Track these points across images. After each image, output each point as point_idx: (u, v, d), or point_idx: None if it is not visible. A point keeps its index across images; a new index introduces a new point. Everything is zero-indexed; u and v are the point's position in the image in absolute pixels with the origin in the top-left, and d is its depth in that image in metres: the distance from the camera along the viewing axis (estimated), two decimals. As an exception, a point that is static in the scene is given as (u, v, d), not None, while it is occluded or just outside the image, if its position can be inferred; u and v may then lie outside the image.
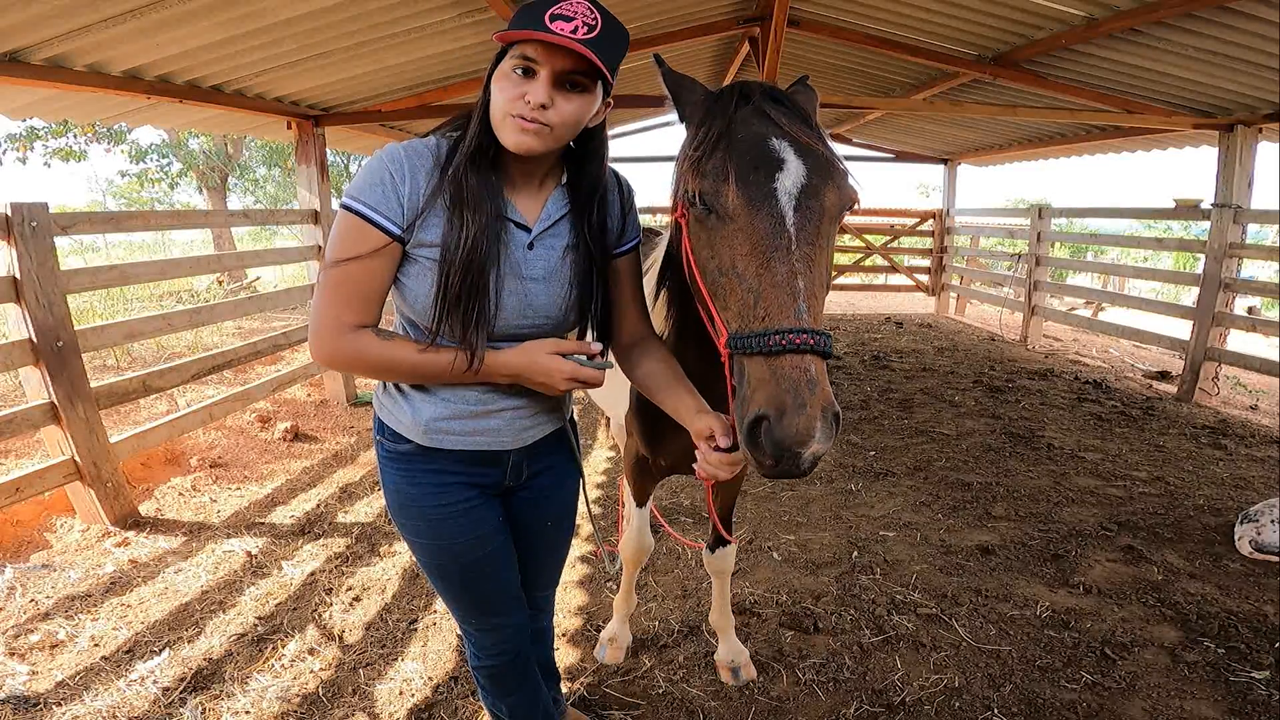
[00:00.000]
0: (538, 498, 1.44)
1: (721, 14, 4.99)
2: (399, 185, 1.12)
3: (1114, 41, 4.27)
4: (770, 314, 1.00)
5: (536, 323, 1.24)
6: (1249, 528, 3.04)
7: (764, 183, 1.05)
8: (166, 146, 12.26)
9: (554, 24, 1.02)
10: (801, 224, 1.04)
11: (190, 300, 8.50)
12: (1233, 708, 2.08)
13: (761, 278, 1.02)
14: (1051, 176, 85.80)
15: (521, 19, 1.05)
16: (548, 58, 1.05)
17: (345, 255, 1.11)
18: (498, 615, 1.42)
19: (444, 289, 1.13)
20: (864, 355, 6.99)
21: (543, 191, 1.24)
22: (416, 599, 2.69)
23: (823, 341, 0.98)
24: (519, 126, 1.07)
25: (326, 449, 4.40)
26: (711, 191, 1.08)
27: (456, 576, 1.36)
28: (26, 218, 2.90)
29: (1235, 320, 5.47)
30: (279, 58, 3.78)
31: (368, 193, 1.11)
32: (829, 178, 1.08)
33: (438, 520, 1.30)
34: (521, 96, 1.06)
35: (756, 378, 0.99)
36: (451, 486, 1.30)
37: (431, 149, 1.16)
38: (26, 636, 2.41)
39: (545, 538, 1.51)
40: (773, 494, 3.65)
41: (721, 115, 1.12)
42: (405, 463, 1.29)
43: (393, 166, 1.12)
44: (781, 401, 0.95)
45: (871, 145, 9.94)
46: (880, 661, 2.30)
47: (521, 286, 1.20)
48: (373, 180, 1.12)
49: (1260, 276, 9.72)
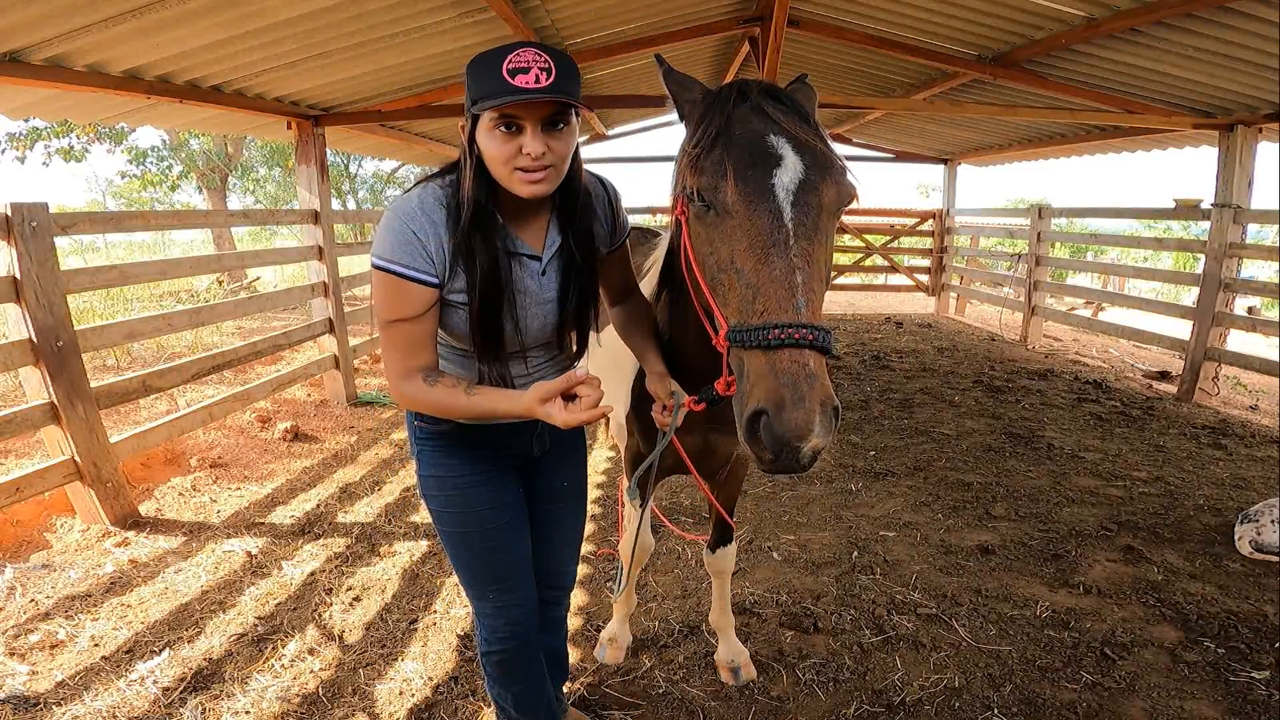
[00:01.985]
0: (555, 463, 1.60)
1: (721, 14, 4.99)
2: (426, 243, 1.20)
3: (1114, 41, 4.27)
4: (768, 309, 1.00)
5: (550, 337, 1.41)
6: (1249, 528, 3.04)
7: (762, 178, 1.05)
8: (167, 147, 12.26)
9: (515, 79, 1.09)
10: (799, 219, 1.04)
11: (190, 300, 8.50)
12: (1233, 708, 2.08)
13: (760, 273, 1.02)
14: (1051, 176, 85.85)
15: (485, 84, 1.11)
16: (528, 111, 1.13)
17: (399, 316, 1.22)
18: (510, 590, 1.50)
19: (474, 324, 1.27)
20: (864, 355, 6.99)
21: (541, 219, 1.34)
22: (416, 599, 2.69)
23: (822, 337, 0.98)
24: (527, 179, 1.16)
25: (327, 449, 4.40)
26: (710, 187, 1.08)
27: (479, 544, 1.46)
28: (26, 218, 2.90)
29: (1235, 320, 5.47)
30: (279, 58, 3.77)
31: (401, 253, 1.19)
32: (827, 173, 1.08)
33: (467, 488, 1.43)
34: (517, 152, 1.14)
35: (755, 372, 0.99)
36: (483, 458, 1.45)
37: (440, 201, 1.24)
38: (26, 636, 2.41)
39: (563, 500, 1.64)
40: (773, 494, 3.65)
41: (720, 113, 1.13)
42: (444, 440, 1.43)
43: (414, 226, 1.20)
44: (780, 396, 0.95)
45: (871, 145, 9.93)
46: (880, 661, 2.30)
47: (542, 310, 1.35)
48: (400, 240, 1.19)
49: (1260, 276, 9.72)
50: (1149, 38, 4.10)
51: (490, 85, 1.10)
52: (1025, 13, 4.21)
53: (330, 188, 5.41)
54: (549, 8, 4.05)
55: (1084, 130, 6.65)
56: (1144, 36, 4.10)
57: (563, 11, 4.17)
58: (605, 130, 9.48)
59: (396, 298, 1.21)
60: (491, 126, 1.14)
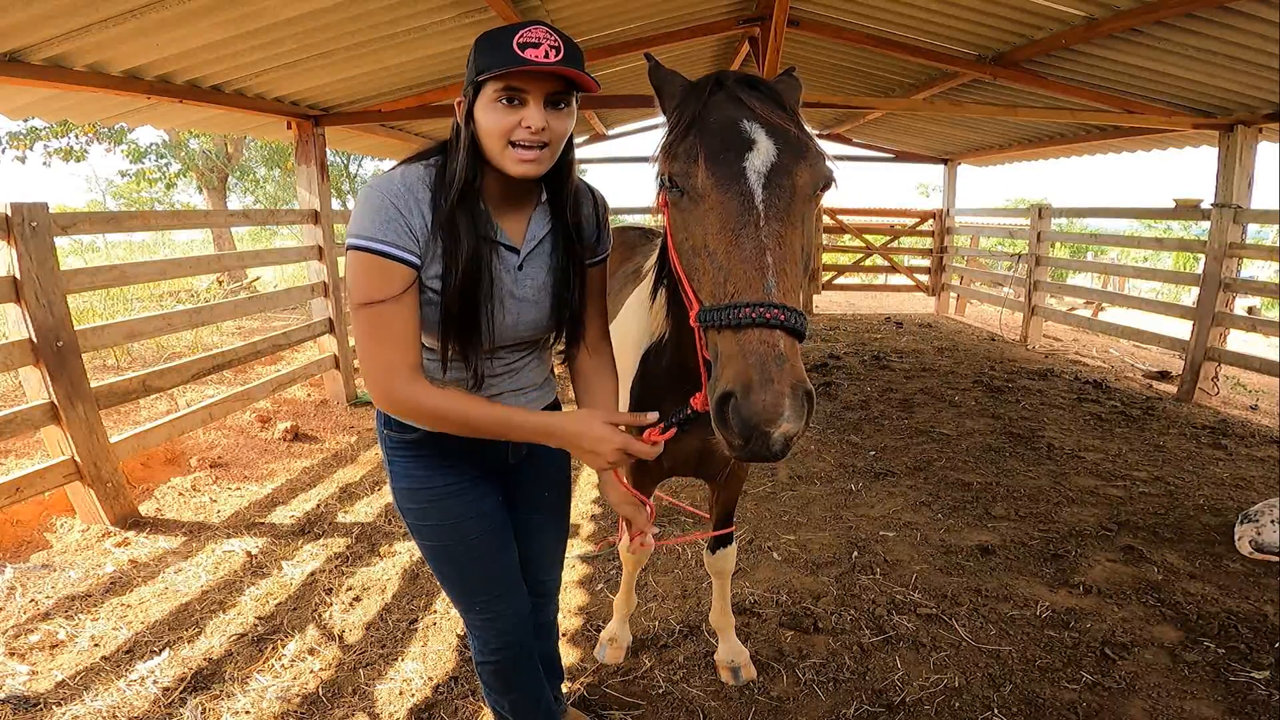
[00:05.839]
0: (537, 470, 1.51)
1: (721, 14, 4.99)
2: (409, 218, 1.14)
3: (1114, 41, 4.27)
4: (738, 289, 0.99)
5: (525, 336, 1.33)
6: (1249, 528, 3.04)
7: (734, 162, 1.05)
8: (166, 147, 12.26)
9: (525, 52, 1.07)
10: (771, 201, 1.03)
11: (190, 300, 8.51)
12: (1233, 708, 2.08)
13: (730, 254, 1.01)
14: (1051, 176, 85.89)
15: (493, 54, 1.09)
16: (534, 84, 1.11)
17: (377, 296, 1.12)
18: (499, 600, 1.44)
19: (445, 316, 1.19)
20: (864, 355, 6.99)
21: (525, 212, 1.29)
22: (416, 599, 2.69)
23: (793, 318, 0.96)
24: (520, 158, 1.13)
25: (326, 449, 4.40)
26: (682, 173, 1.08)
27: (461, 556, 1.40)
28: (26, 218, 2.90)
29: (1235, 320, 5.47)
30: (279, 58, 3.78)
31: (384, 230, 1.12)
32: (800, 157, 1.08)
33: (444, 498, 1.36)
34: (517, 124, 1.11)
35: (724, 354, 0.98)
36: (458, 465, 1.37)
37: (424, 180, 1.18)
38: (26, 636, 2.41)
39: (547, 508, 1.58)
40: (773, 494, 3.65)
41: (696, 101, 1.13)
42: (414, 449, 1.35)
43: (397, 200, 1.14)
44: (748, 377, 0.93)
45: (871, 145, 9.94)
46: (880, 661, 2.30)
47: (516, 306, 1.28)
48: (383, 217, 1.12)
49: (1260, 276, 9.73)
50: (1149, 38, 4.10)
51: (500, 56, 1.08)
52: (1025, 13, 4.21)
53: (330, 188, 5.42)
54: (549, 8, 4.05)
55: (1084, 130, 6.65)
56: (1144, 36, 4.10)
57: (563, 11, 4.17)
58: (605, 130, 9.49)
59: (381, 279, 1.11)
60: (494, 98, 1.11)
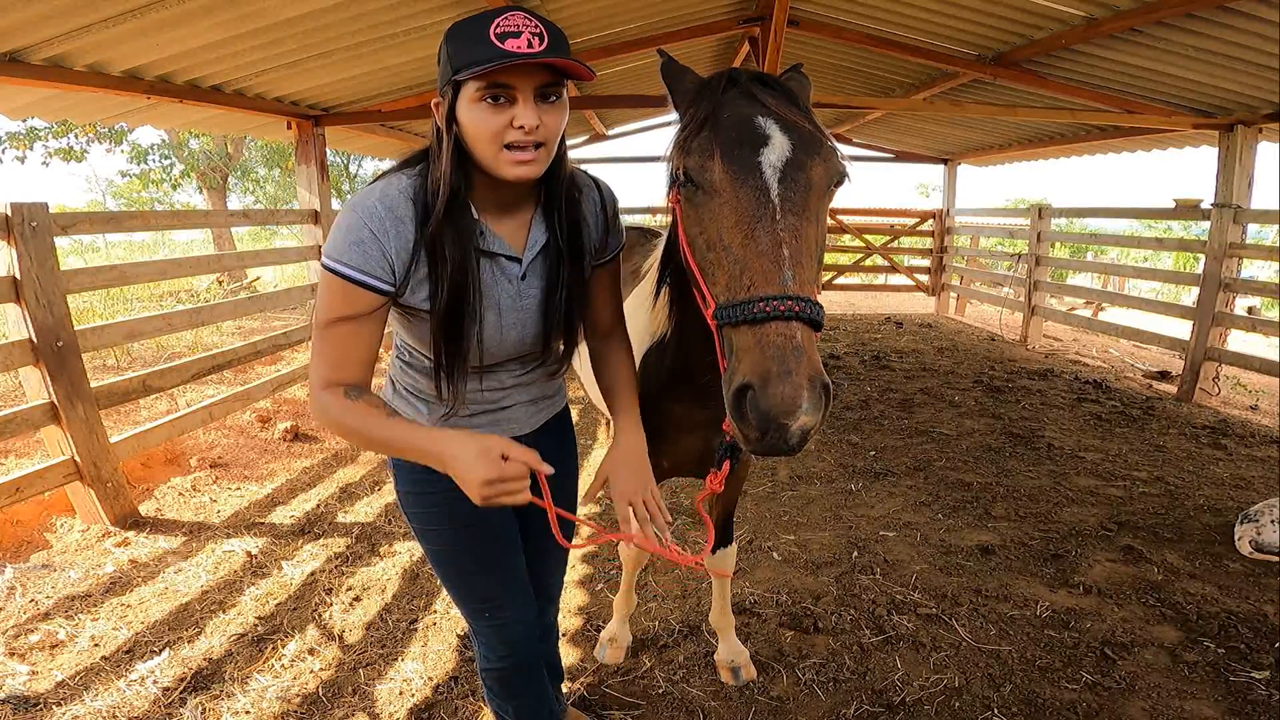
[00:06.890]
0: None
1: (721, 14, 4.99)
2: (384, 243, 1.08)
3: (1114, 41, 4.27)
4: (755, 283, 0.98)
5: (530, 349, 1.29)
6: (1249, 528, 3.04)
7: (749, 156, 1.05)
8: (167, 147, 12.27)
9: (505, 43, 0.99)
10: (786, 195, 1.03)
11: (190, 300, 8.51)
12: (1233, 708, 2.08)
13: (747, 248, 1.01)
14: (1051, 176, 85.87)
15: (470, 47, 1.01)
16: (521, 78, 1.02)
17: (335, 316, 1.09)
18: (505, 607, 1.41)
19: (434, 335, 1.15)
20: (864, 355, 6.99)
21: (523, 216, 1.22)
22: (416, 599, 2.69)
23: (810, 309, 0.96)
24: (516, 160, 1.06)
25: (326, 449, 4.39)
26: (697, 167, 1.08)
27: (469, 561, 1.37)
28: (26, 218, 2.90)
29: (1235, 320, 5.47)
30: (279, 58, 3.78)
31: (349, 253, 1.07)
32: (815, 152, 1.08)
33: (452, 501, 1.27)
34: (508, 124, 1.03)
35: (742, 347, 0.97)
36: None
37: (407, 194, 1.11)
38: (26, 636, 2.41)
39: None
40: (773, 494, 3.65)
41: (710, 98, 1.13)
42: None
43: (372, 224, 1.08)
44: (766, 369, 0.92)
45: (871, 145, 9.94)
46: (880, 661, 2.30)
47: (520, 319, 1.23)
48: (353, 239, 1.07)
49: (1260, 276, 9.72)
50: (1149, 38, 4.10)
51: (477, 50, 0.99)
52: (1025, 13, 4.21)
53: (330, 188, 5.42)
54: (549, 8, 4.05)
55: (1084, 130, 6.65)
56: (1144, 36, 4.10)
57: (563, 11, 4.17)
58: (605, 130, 9.49)
59: (341, 301, 1.09)
60: (478, 98, 1.02)
